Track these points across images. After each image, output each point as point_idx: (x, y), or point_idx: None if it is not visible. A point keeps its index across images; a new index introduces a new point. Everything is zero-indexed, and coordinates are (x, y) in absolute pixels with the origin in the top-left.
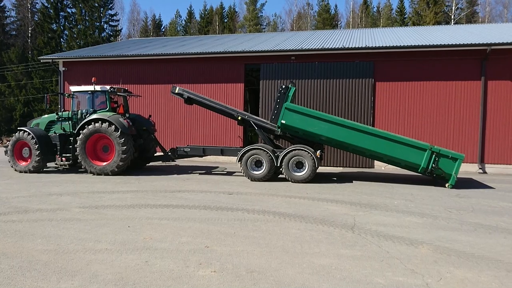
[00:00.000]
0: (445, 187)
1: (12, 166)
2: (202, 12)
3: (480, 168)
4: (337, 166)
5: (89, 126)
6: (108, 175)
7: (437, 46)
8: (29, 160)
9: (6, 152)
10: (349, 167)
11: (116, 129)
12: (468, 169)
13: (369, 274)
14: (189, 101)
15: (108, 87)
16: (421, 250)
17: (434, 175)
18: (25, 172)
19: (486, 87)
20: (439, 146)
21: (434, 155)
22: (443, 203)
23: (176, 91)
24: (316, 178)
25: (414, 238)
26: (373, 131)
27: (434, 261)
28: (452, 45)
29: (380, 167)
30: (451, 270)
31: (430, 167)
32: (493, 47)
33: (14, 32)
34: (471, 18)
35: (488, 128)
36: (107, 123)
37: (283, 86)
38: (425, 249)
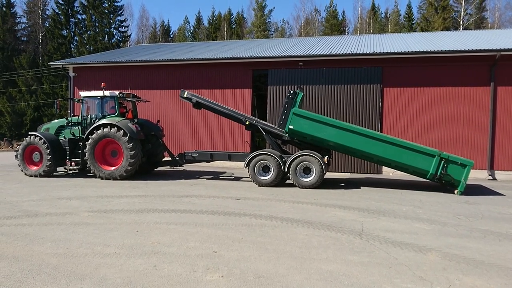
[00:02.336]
0: (454, 193)
1: (22, 171)
2: (211, 18)
3: (489, 175)
4: (345, 172)
5: (98, 131)
6: (116, 179)
7: (445, 52)
8: (40, 164)
9: (16, 156)
10: (357, 173)
11: (125, 134)
12: (477, 176)
13: (377, 280)
14: (198, 105)
15: (117, 92)
16: (429, 257)
17: (443, 182)
18: (36, 176)
19: (495, 93)
20: (448, 152)
21: (443, 161)
22: (452, 210)
23: (185, 95)
24: (324, 184)
25: (423, 244)
26: (381, 137)
27: (443, 268)
28: (461, 51)
29: (388, 173)
30: (460, 277)
31: (439, 173)
32: (502, 53)
33: (25, 38)
34: (480, 23)
35: (497, 134)
36: (115, 128)
37: (291, 92)
38: (434, 256)
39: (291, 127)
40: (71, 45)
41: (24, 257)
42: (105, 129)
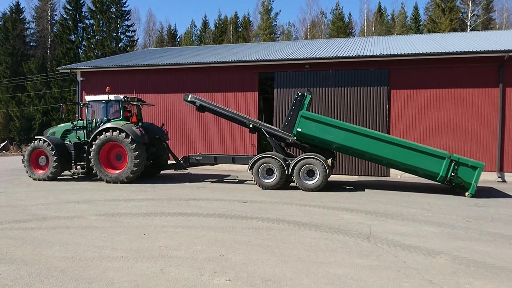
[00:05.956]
0: (463, 196)
1: (30, 176)
2: (217, 21)
3: (499, 177)
4: (352, 175)
5: (101, 136)
6: (123, 182)
7: (453, 53)
8: (46, 168)
9: (23, 161)
10: (365, 175)
11: (127, 136)
12: (486, 178)
13: (386, 284)
14: (201, 108)
15: (121, 96)
16: (439, 260)
17: (453, 184)
18: (43, 180)
19: (504, 94)
20: (457, 155)
21: (453, 164)
22: (461, 213)
23: (189, 99)
24: (331, 186)
25: (432, 248)
26: (391, 139)
27: (452, 272)
28: (468, 52)
29: (396, 175)
30: (470, 281)
31: (449, 176)
32: (511, 54)
33: (34, 43)
34: (487, 24)
35: (507, 135)
36: (119, 131)
37: (299, 94)
38: (443, 259)
39: (299, 129)
40: (79, 50)
41: (32, 261)
42: (107, 133)
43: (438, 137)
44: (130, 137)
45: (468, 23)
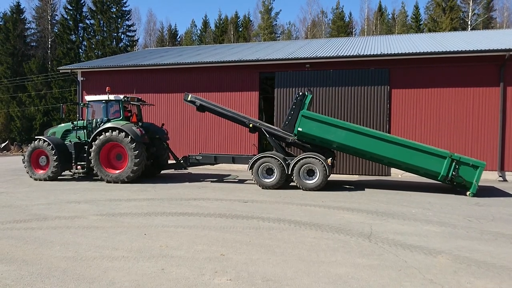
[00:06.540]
0: (464, 195)
1: (31, 176)
2: (217, 21)
3: (500, 176)
4: (353, 174)
5: (100, 137)
6: (124, 182)
7: (453, 52)
8: (46, 168)
9: (24, 161)
10: (365, 175)
11: (127, 135)
12: (487, 177)
13: (387, 284)
14: (201, 108)
15: (121, 96)
16: (440, 259)
17: (455, 183)
18: (44, 180)
19: (505, 93)
20: (458, 154)
21: (454, 163)
22: (462, 212)
23: (189, 99)
24: (331, 186)
25: (433, 247)
26: (392, 139)
27: (453, 271)
28: (469, 51)
29: (396, 174)
30: (471, 280)
31: (450, 175)
32: (511, 53)
33: (34, 43)
34: (488, 23)
35: (507, 135)
36: (119, 131)
37: (300, 93)
38: (444, 258)
39: (300, 129)
40: (80, 50)
41: (34, 261)
42: (107, 134)
43: (439, 136)
44: (130, 136)
45: (469, 22)
